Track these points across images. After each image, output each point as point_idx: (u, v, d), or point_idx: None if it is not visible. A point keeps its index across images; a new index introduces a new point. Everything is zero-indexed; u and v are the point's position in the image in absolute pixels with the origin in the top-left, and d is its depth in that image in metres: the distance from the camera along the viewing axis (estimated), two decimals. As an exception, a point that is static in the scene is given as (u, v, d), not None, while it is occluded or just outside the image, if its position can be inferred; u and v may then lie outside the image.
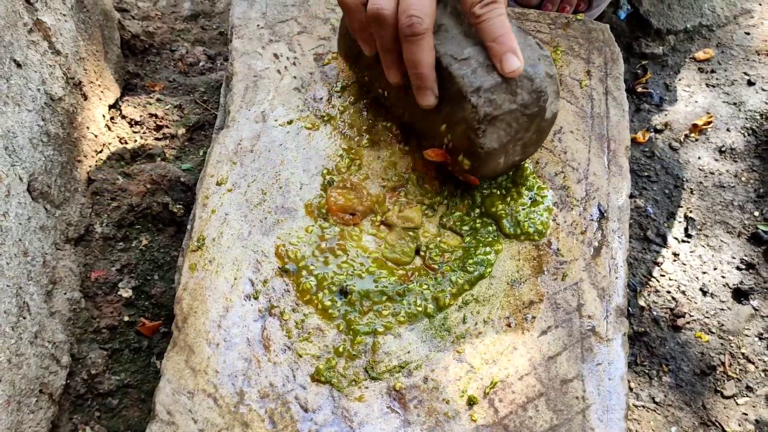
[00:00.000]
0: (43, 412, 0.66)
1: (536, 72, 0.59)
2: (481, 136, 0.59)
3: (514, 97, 0.58)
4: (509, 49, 0.57)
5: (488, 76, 0.58)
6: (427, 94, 0.61)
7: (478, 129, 0.59)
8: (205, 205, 0.67)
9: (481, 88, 0.58)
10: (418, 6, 0.57)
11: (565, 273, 0.64)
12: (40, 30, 0.73)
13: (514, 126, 0.60)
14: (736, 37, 1.14)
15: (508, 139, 0.61)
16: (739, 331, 0.84)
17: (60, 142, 0.75)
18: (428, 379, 0.58)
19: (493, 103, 0.58)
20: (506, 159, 0.63)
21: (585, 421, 0.57)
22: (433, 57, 0.59)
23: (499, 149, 0.61)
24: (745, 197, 0.96)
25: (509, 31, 0.57)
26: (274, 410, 0.57)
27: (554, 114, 0.63)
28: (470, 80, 0.58)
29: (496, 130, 0.59)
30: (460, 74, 0.59)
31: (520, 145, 0.63)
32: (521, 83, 0.58)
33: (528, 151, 0.65)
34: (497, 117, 0.59)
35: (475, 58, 0.59)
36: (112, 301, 0.77)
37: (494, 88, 0.58)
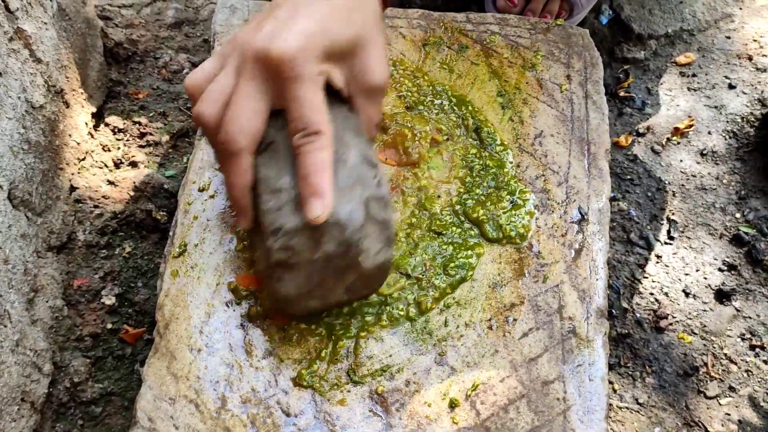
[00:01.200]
0: (25, 420, 0.65)
1: (350, 220, 0.50)
2: (276, 280, 0.53)
3: (317, 246, 0.51)
4: (313, 192, 0.49)
5: (292, 217, 0.51)
6: (240, 217, 0.55)
7: (275, 272, 0.53)
8: (187, 212, 0.67)
9: (280, 229, 0.51)
10: (237, 121, 0.50)
11: (546, 275, 0.64)
12: (21, 38, 0.73)
13: (316, 277, 0.53)
14: (716, 41, 1.15)
15: (311, 286, 0.54)
16: (721, 331, 0.84)
17: (41, 149, 0.75)
18: (410, 383, 0.59)
19: (290, 250, 0.51)
20: (323, 300, 0.57)
21: (566, 422, 0.57)
22: (247, 179, 0.53)
23: (302, 295, 0.55)
24: (726, 199, 0.97)
25: (322, 169, 0.49)
26: (256, 415, 0.57)
27: (382, 262, 0.55)
28: (272, 218, 0.51)
29: (293, 277, 0.53)
30: (265, 208, 0.52)
31: (342, 287, 0.56)
32: (330, 231, 0.50)
33: (357, 293, 0.58)
34: (294, 265, 0.52)
35: (287, 192, 0.51)
36: (94, 308, 0.77)
37: (295, 232, 0.51)
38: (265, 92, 0.51)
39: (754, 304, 0.86)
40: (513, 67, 0.78)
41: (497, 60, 0.79)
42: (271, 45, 0.49)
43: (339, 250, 0.51)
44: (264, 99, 0.51)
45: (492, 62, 0.79)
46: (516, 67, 0.78)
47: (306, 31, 0.50)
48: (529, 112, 0.75)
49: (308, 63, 0.49)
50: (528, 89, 0.77)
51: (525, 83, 0.77)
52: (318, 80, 0.50)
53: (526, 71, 0.78)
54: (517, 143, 0.73)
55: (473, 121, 0.73)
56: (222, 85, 0.52)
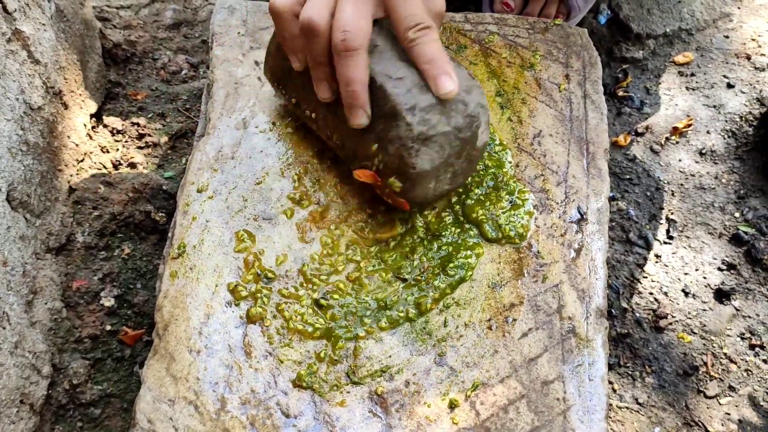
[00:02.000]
0: (24, 422, 0.65)
1: (470, 98, 0.58)
2: (414, 155, 0.58)
3: (448, 119, 0.57)
4: (443, 72, 0.56)
5: (423, 96, 0.57)
6: (359, 113, 0.59)
7: (412, 148, 0.58)
8: (185, 213, 0.67)
9: (416, 106, 0.57)
10: (352, 22, 0.55)
11: (546, 275, 0.64)
12: (19, 39, 0.73)
13: (447, 149, 0.59)
14: (715, 40, 1.15)
15: (440, 161, 0.59)
16: (721, 331, 0.84)
17: (40, 151, 0.75)
18: (410, 383, 0.59)
19: (428, 123, 0.57)
20: (436, 185, 0.62)
21: (566, 422, 0.57)
22: (366, 75, 0.57)
23: (431, 172, 0.60)
24: (725, 199, 0.97)
25: (444, 55, 0.56)
26: (255, 416, 0.57)
27: (484, 144, 0.62)
28: (405, 99, 0.57)
29: (429, 151, 0.58)
30: (395, 92, 0.57)
31: (451, 173, 0.62)
32: (455, 106, 0.58)
33: (457, 180, 0.63)
34: (431, 137, 0.57)
35: (409, 78, 0.57)
36: (93, 310, 0.77)
37: (429, 108, 0.57)
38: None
39: (753, 304, 0.86)
40: (511, 67, 0.78)
41: (496, 60, 0.79)
42: None
43: (465, 123, 0.58)
44: (369, 4, 0.56)
45: (490, 62, 0.79)
46: (514, 66, 0.78)
47: None
48: (528, 112, 0.75)
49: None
50: (527, 89, 0.76)
51: (524, 83, 0.77)
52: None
53: (525, 71, 0.78)
54: (516, 143, 0.72)
55: None
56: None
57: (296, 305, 0.62)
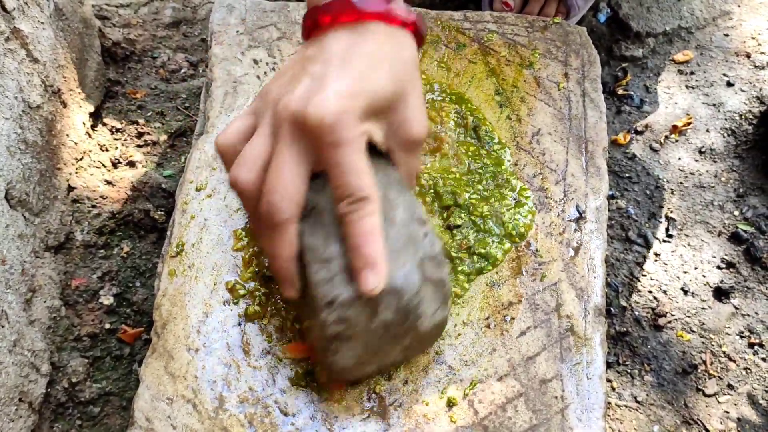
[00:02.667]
0: (23, 420, 0.65)
1: (407, 285, 0.49)
2: (332, 354, 0.51)
3: (374, 316, 0.49)
4: (368, 263, 0.47)
5: (345, 287, 0.48)
6: (285, 287, 0.52)
7: (329, 346, 0.50)
8: (184, 211, 0.67)
9: (335, 301, 0.48)
10: (279, 189, 0.47)
11: (544, 274, 0.64)
12: (18, 38, 0.73)
13: (375, 344, 0.52)
14: (714, 38, 1.15)
15: (369, 355, 0.52)
16: (720, 329, 0.84)
17: (38, 149, 0.75)
18: (408, 382, 0.59)
19: (347, 322, 0.49)
20: (380, 364, 0.56)
21: (564, 421, 0.57)
22: (292, 249, 0.50)
23: (355, 366, 0.53)
24: (725, 197, 0.97)
25: (373, 237, 0.47)
26: (254, 415, 0.57)
27: (439, 322, 0.54)
28: (325, 290, 0.49)
29: (351, 347, 0.51)
30: (316, 280, 0.49)
31: (399, 349, 0.54)
32: (386, 299, 0.48)
33: (413, 352, 0.58)
34: (350, 336, 0.50)
35: (337, 261, 0.49)
36: (92, 308, 0.77)
37: (350, 303, 0.48)
38: (305, 156, 0.48)
39: (752, 302, 0.86)
40: (511, 66, 0.78)
41: (495, 58, 0.79)
42: (308, 109, 0.46)
43: (397, 318, 0.50)
44: (305, 163, 0.48)
45: (490, 60, 0.78)
46: (514, 65, 0.78)
47: (344, 91, 0.47)
48: (527, 111, 0.75)
49: (349, 126, 0.46)
50: (526, 87, 0.76)
51: (523, 81, 0.77)
52: (360, 142, 0.47)
53: (524, 69, 0.78)
54: (515, 141, 0.72)
55: (472, 119, 0.73)
56: (259, 149, 0.49)
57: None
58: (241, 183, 0.49)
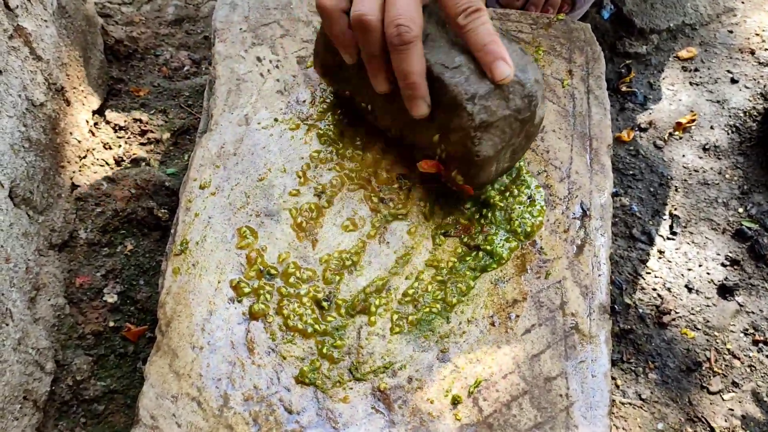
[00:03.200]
0: (27, 418, 0.65)
1: (526, 77, 0.59)
2: (477, 143, 0.59)
3: (507, 103, 0.58)
4: (498, 57, 0.56)
5: (481, 84, 0.57)
6: (419, 104, 0.59)
7: (475, 137, 0.58)
8: (188, 209, 0.67)
9: (476, 95, 0.57)
10: (405, 13, 0.55)
11: (549, 271, 0.64)
12: (21, 36, 0.73)
13: (508, 132, 0.60)
14: (719, 35, 1.15)
15: (502, 145, 0.60)
16: (724, 327, 0.84)
17: (42, 147, 0.75)
18: (412, 379, 0.59)
19: (488, 110, 0.58)
20: (497, 166, 0.63)
21: (569, 419, 0.57)
22: (424, 65, 0.58)
23: (494, 156, 0.61)
24: (729, 194, 0.96)
25: (496, 38, 0.56)
26: (258, 413, 0.57)
27: (542, 118, 0.63)
28: (464, 88, 0.57)
29: (491, 137, 0.59)
30: (453, 82, 0.58)
31: (510, 151, 0.63)
32: (513, 89, 0.58)
33: (516, 156, 0.65)
34: (492, 123, 0.58)
35: (466, 66, 0.58)
36: (97, 306, 0.77)
37: (488, 95, 0.58)
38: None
39: (757, 299, 0.86)
40: (514, 63, 0.78)
41: (498, 55, 0.78)
42: None
43: (524, 104, 0.59)
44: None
45: (493, 58, 0.78)
46: (517, 62, 0.78)
47: None
48: (531, 108, 0.74)
49: None
50: (529, 85, 0.76)
51: (526, 79, 0.77)
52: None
53: (528, 66, 0.78)
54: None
55: None
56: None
57: (296, 303, 0.62)
58: (368, 15, 0.56)
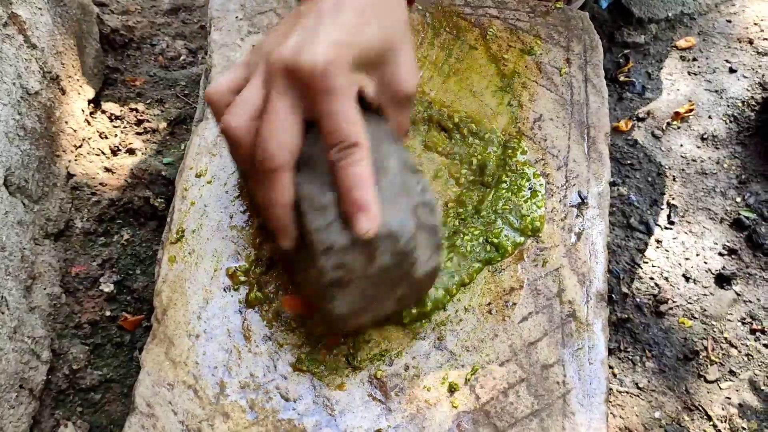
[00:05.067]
0: (23, 407, 0.65)
1: (402, 230, 0.49)
2: (330, 300, 0.51)
3: (371, 261, 0.49)
4: (359, 208, 0.47)
5: (342, 234, 0.49)
6: (280, 237, 0.52)
7: (326, 293, 0.51)
8: (184, 197, 0.67)
9: (332, 248, 0.49)
10: (273, 137, 0.48)
11: (546, 259, 0.64)
12: (15, 23, 0.72)
13: (371, 291, 0.52)
14: (717, 25, 1.15)
15: (365, 303, 0.53)
16: (721, 316, 0.84)
17: (37, 136, 0.74)
18: (409, 367, 0.58)
19: (344, 268, 0.49)
20: (375, 314, 0.56)
21: (566, 406, 0.57)
22: (288, 197, 0.50)
23: (355, 312, 0.53)
24: (727, 183, 0.96)
25: (364, 182, 0.48)
26: (255, 400, 0.56)
27: (433, 269, 0.54)
28: (322, 236, 0.49)
29: (348, 294, 0.51)
30: (313, 228, 0.49)
31: (392, 300, 0.55)
32: (382, 244, 0.49)
33: (406, 302, 0.58)
34: (348, 282, 0.50)
35: (333, 209, 0.49)
36: (93, 296, 0.77)
37: (347, 249, 0.49)
38: (298, 105, 0.48)
39: (754, 288, 0.86)
40: (512, 51, 0.78)
41: (496, 44, 0.78)
42: (300, 57, 0.46)
43: (393, 262, 0.50)
44: (297, 112, 0.48)
45: (491, 46, 0.78)
46: (515, 50, 0.78)
47: (335, 41, 0.47)
48: (528, 96, 0.74)
49: (340, 74, 0.47)
50: (527, 73, 0.76)
51: (524, 67, 0.76)
52: (351, 91, 0.48)
53: (525, 55, 0.77)
54: (516, 127, 0.72)
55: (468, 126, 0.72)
56: (251, 98, 0.49)
57: None
58: (233, 129, 0.49)
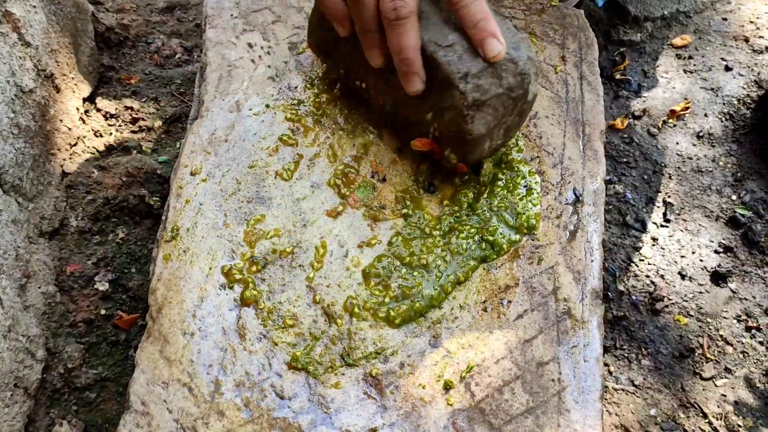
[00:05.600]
0: (18, 406, 0.65)
1: (519, 55, 0.58)
2: (470, 122, 0.59)
3: (500, 81, 0.58)
4: (490, 34, 0.56)
5: (474, 62, 0.57)
6: (414, 80, 0.59)
7: (467, 115, 0.59)
8: (179, 196, 0.66)
9: (468, 74, 0.57)
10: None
11: (541, 257, 0.64)
12: (9, 21, 0.72)
13: (500, 110, 0.60)
14: (713, 23, 1.15)
15: (495, 123, 0.60)
16: (717, 313, 0.84)
17: (32, 134, 0.74)
18: (404, 365, 0.58)
19: (481, 89, 0.58)
20: (491, 144, 0.63)
21: (561, 403, 0.57)
22: (419, 40, 0.58)
23: (486, 134, 0.61)
24: (722, 181, 0.96)
25: (488, 15, 0.56)
26: (250, 398, 0.56)
27: (534, 95, 0.63)
28: (457, 66, 0.57)
29: (483, 115, 0.59)
30: (446, 60, 0.58)
31: (504, 129, 0.63)
32: (506, 67, 0.58)
33: (509, 134, 0.65)
34: (485, 102, 0.58)
35: (459, 44, 0.58)
36: (88, 294, 0.77)
37: (481, 73, 0.57)
38: None
39: (750, 286, 0.86)
40: (507, 49, 0.77)
41: (491, 41, 0.78)
42: None
43: (516, 81, 0.59)
44: None
45: (486, 43, 0.78)
46: (510, 48, 0.78)
47: None
48: (524, 94, 0.74)
49: None
50: (522, 70, 0.76)
51: (519, 64, 0.76)
52: None
53: (521, 52, 0.77)
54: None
55: None
56: None
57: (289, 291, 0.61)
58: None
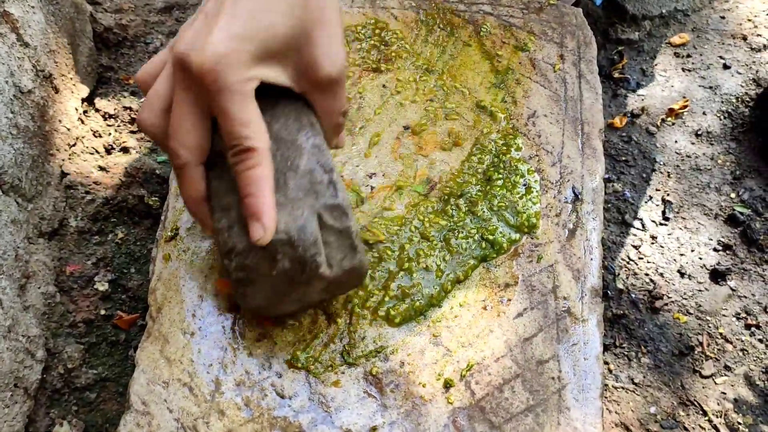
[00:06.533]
0: (18, 406, 0.65)
1: (302, 236, 0.48)
2: (242, 295, 0.53)
3: (273, 264, 0.49)
4: (252, 214, 0.47)
5: (243, 237, 0.49)
6: (203, 226, 0.53)
7: (237, 289, 0.52)
8: (178, 195, 0.67)
9: (233, 250, 0.49)
10: (177, 134, 0.47)
11: (540, 255, 0.64)
12: (8, 21, 0.72)
13: (281, 288, 0.52)
14: (711, 21, 1.15)
15: (280, 296, 0.53)
16: (716, 311, 0.84)
17: (30, 135, 0.74)
18: (405, 364, 0.58)
19: (246, 269, 0.50)
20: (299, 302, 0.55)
21: (561, 401, 0.57)
22: (198, 191, 0.50)
23: (273, 303, 0.54)
24: (721, 179, 0.96)
25: (258, 188, 0.46)
26: (250, 398, 0.56)
27: (352, 267, 0.52)
28: (224, 238, 0.50)
29: (257, 291, 0.52)
30: (218, 227, 0.50)
31: (317, 291, 0.54)
32: (282, 250, 0.48)
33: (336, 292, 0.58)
34: (254, 281, 0.51)
35: (235, 210, 0.49)
36: (88, 294, 0.77)
37: (248, 252, 0.49)
38: (200, 101, 0.46)
39: (749, 284, 0.86)
40: (506, 47, 0.78)
41: (490, 40, 0.78)
42: (191, 54, 0.44)
43: (294, 267, 0.49)
44: (201, 108, 0.46)
45: (485, 42, 0.78)
46: (509, 47, 0.78)
47: (229, 34, 0.44)
48: (522, 92, 0.74)
49: (231, 72, 0.44)
50: (521, 69, 0.76)
51: (518, 63, 0.76)
52: (246, 88, 0.45)
53: (519, 51, 0.77)
54: (511, 123, 0.72)
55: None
56: (161, 92, 0.48)
57: None
58: (146, 125, 0.49)
